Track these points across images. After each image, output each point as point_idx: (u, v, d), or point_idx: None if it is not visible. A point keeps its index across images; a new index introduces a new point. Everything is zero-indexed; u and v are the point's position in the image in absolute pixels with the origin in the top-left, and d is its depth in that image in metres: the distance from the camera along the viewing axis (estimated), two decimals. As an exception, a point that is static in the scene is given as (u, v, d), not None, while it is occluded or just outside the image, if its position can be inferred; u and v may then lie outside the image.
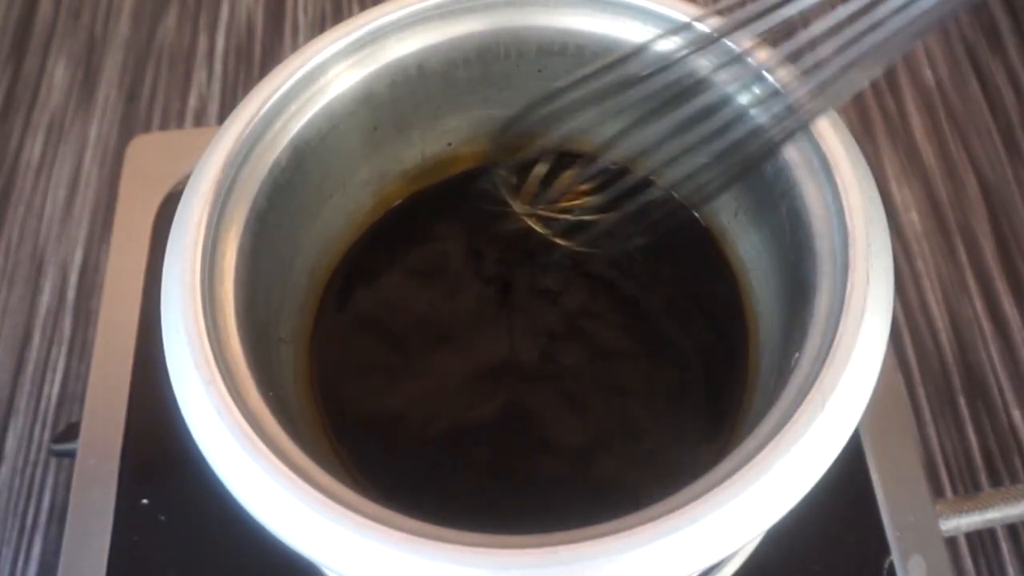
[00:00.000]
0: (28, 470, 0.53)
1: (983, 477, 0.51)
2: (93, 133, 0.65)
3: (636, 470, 0.29)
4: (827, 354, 0.23)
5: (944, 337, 0.55)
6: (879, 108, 0.64)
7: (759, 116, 0.28)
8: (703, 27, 0.28)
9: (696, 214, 0.33)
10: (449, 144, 0.34)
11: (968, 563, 0.49)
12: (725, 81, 0.29)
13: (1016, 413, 0.53)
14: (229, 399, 0.23)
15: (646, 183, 0.31)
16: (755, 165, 0.28)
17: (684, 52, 0.29)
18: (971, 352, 0.55)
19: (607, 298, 0.33)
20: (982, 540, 0.50)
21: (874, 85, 0.65)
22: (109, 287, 0.40)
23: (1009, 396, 0.53)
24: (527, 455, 0.30)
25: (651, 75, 0.29)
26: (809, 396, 0.22)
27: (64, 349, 0.56)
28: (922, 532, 0.34)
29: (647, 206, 0.30)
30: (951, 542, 0.49)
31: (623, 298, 0.33)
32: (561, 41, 0.31)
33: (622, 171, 0.34)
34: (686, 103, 0.30)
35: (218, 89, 0.67)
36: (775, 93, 0.28)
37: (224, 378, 0.23)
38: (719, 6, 0.29)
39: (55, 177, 0.63)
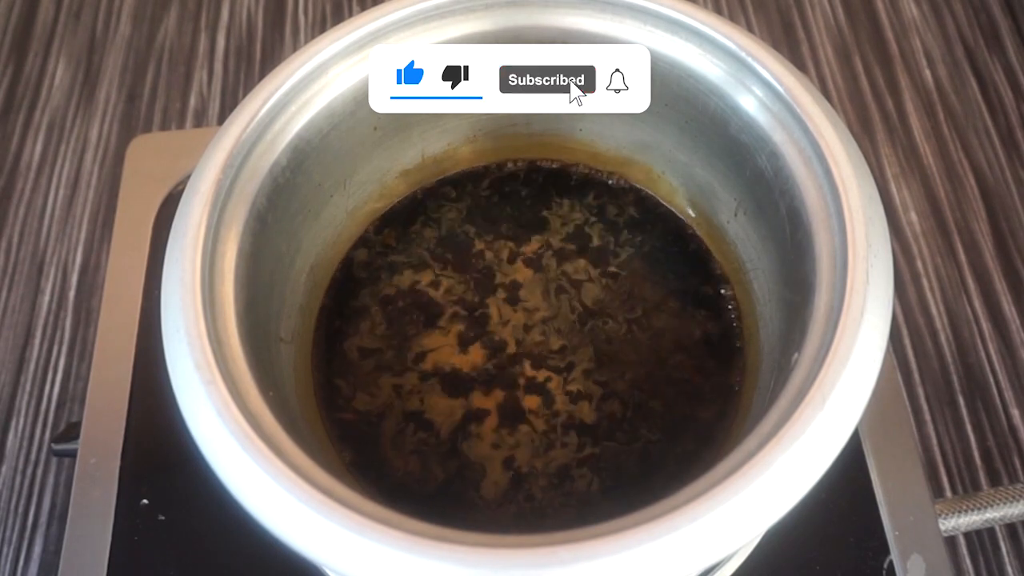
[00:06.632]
0: (29, 470, 0.53)
1: (982, 477, 0.51)
2: (94, 133, 0.65)
3: (635, 470, 0.29)
4: (827, 354, 0.23)
5: (943, 337, 0.55)
6: (879, 108, 0.64)
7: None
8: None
9: (695, 214, 0.33)
10: (449, 144, 0.34)
11: (967, 562, 0.49)
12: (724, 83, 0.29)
13: (1015, 413, 0.53)
14: (229, 399, 0.23)
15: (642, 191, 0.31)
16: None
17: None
18: (970, 352, 0.55)
19: (609, 299, 0.33)
20: (981, 540, 0.50)
21: (873, 86, 0.65)
22: (109, 287, 0.40)
23: (1008, 396, 0.53)
24: (528, 454, 0.30)
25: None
26: (809, 395, 0.22)
27: (65, 349, 0.56)
28: (921, 532, 0.34)
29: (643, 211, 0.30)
30: (950, 541, 0.49)
31: (623, 298, 0.33)
32: (561, 41, 0.31)
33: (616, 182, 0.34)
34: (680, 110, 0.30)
35: (218, 89, 0.67)
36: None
37: (224, 378, 0.23)
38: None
39: (56, 177, 0.63)
